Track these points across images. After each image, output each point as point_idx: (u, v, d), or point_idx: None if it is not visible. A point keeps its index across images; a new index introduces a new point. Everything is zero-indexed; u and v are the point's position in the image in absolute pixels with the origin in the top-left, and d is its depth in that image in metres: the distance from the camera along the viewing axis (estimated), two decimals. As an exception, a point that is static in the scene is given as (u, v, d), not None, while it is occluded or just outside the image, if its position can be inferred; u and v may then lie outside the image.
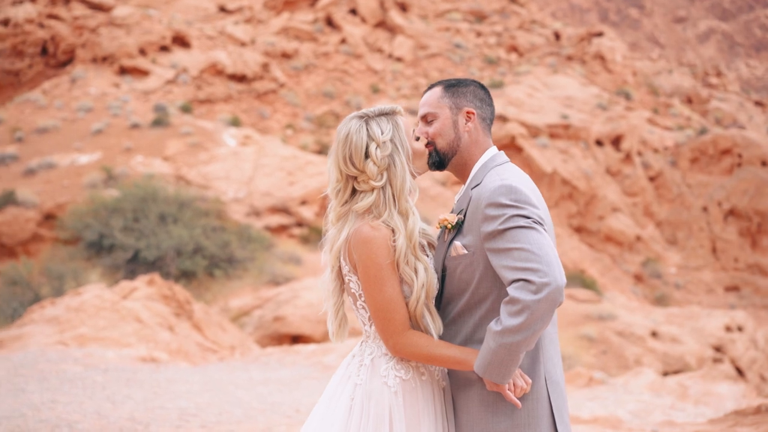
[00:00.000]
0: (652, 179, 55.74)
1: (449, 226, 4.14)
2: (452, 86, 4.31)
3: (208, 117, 47.59)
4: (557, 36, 71.68)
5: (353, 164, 4.12)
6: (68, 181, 35.66)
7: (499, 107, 56.54)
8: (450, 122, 4.25)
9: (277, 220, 36.48)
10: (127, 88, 48.87)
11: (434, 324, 4.08)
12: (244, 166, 38.86)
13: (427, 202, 42.73)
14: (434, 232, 4.40)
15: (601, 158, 54.11)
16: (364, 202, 4.11)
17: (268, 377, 12.62)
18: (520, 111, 56.02)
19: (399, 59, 62.65)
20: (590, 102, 59.47)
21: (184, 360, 15.07)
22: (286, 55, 58.47)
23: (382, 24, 65.07)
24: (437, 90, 4.32)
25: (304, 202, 37.20)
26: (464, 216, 4.10)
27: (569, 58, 67.40)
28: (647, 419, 12.14)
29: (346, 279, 4.16)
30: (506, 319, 3.76)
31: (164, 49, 54.56)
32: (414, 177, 4.21)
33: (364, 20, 64.16)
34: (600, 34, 69.56)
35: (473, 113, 4.26)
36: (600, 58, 66.56)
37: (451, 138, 4.24)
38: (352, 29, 62.52)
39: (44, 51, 51.21)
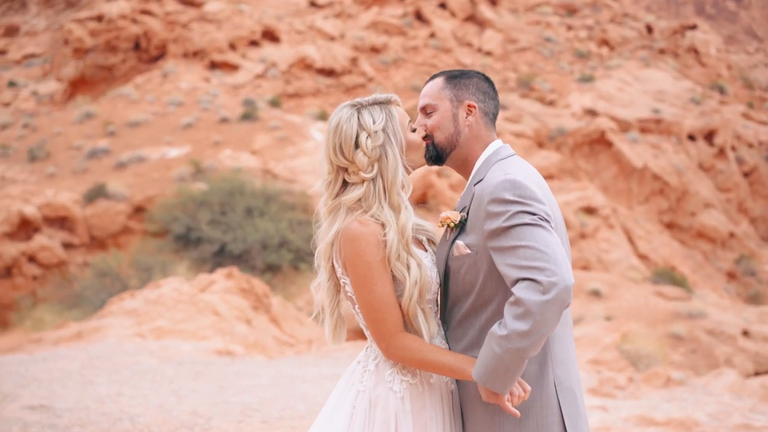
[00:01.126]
0: (746, 175, 54.50)
1: (452, 224, 3.95)
2: (454, 77, 4.11)
3: (296, 111, 47.88)
4: (650, 29, 70.47)
5: (343, 154, 3.94)
6: (158, 175, 36.20)
7: (588, 102, 55.81)
8: (450, 115, 4.05)
9: (361, 214, 36.52)
10: (217, 83, 49.44)
11: (427, 326, 3.87)
12: (331, 160, 39.01)
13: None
14: (434, 228, 4.21)
15: (693, 153, 53.03)
16: (354, 194, 3.92)
17: (337, 372, 12.59)
18: (611, 105, 55.24)
19: (488, 53, 62.25)
20: (683, 96, 58.37)
21: (261, 353, 15.12)
22: (374, 50, 58.53)
23: (471, 18, 64.75)
24: (439, 81, 4.13)
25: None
26: (467, 214, 3.91)
27: (662, 51, 66.24)
28: (725, 422, 11.80)
29: (341, 282, 3.96)
30: (512, 322, 3.54)
31: (254, 43, 55.07)
32: (408, 171, 4.02)
33: (453, 14, 63.93)
34: (694, 27, 68.22)
35: (474, 106, 4.05)
36: (693, 51, 65.25)
37: (450, 132, 4.05)
38: (441, 23, 62.34)
39: (137, 46, 52.08)
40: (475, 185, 3.95)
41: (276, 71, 51.20)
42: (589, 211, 42.83)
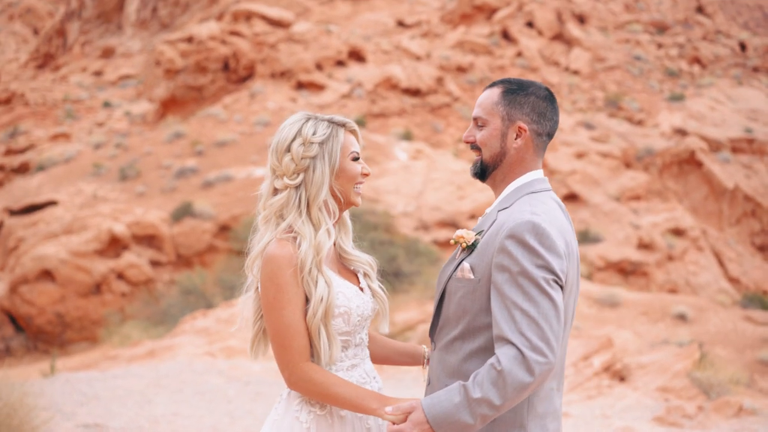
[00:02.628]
0: (843, 196, 53.08)
1: (464, 244, 3.78)
2: (512, 92, 3.86)
3: (381, 131, 48.04)
4: (743, 47, 69.14)
5: (276, 156, 3.89)
6: (243, 194, 36.63)
7: (678, 121, 54.96)
8: (498, 134, 3.84)
9: (445, 234, 36.44)
10: (304, 102, 49.89)
11: (329, 350, 3.77)
12: (414, 180, 39.02)
13: (600, 218, 41.92)
14: (374, 263, 4.14)
15: (787, 174, 51.86)
16: (277, 199, 3.86)
17: (399, 394, 12.56)
18: (701, 125, 54.31)
19: (575, 72, 61.75)
20: (777, 115, 57.17)
21: (332, 374, 15.11)
22: (461, 69, 58.49)
23: (558, 36, 64.34)
24: (495, 93, 3.89)
25: (472, 216, 37.05)
26: (482, 237, 3.75)
27: (755, 69, 64.95)
28: (796, 455, 11.49)
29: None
30: (488, 387, 3.45)
31: (340, 63, 55.51)
32: (336, 198, 3.93)
33: (540, 33, 63.60)
34: (790, 44, 66.82)
35: (525, 129, 3.83)
36: (789, 69, 63.96)
37: (495, 151, 3.85)
38: (528, 42, 62.06)
39: (226, 67, 52.88)
40: (499, 211, 3.78)
41: (362, 91, 51.48)
42: (678, 232, 42.14)
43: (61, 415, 9.30)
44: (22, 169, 47.36)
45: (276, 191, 3.92)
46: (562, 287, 3.60)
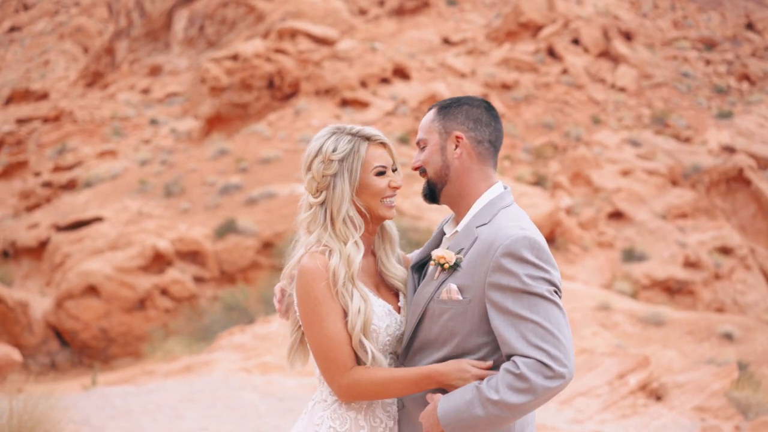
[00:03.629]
0: None
1: (446, 265, 3.69)
2: (444, 107, 3.86)
3: (425, 148, 47.99)
4: (793, 63, 68.47)
5: (303, 174, 3.92)
6: (286, 210, 36.75)
7: (727, 138, 54.42)
8: (438, 148, 3.81)
9: (488, 251, 36.28)
10: (348, 120, 50.00)
11: (373, 362, 3.73)
12: (458, 198, 38.94)
13: (645, 236, 41.55)
14: (401, 273, 4.01)
15: (837, 192, 51.10)
16: (305, 216, 3.88)
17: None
18: (750, 142, 53.75)
19: (622, 89, 61.39)
20: (827, 132, 56.46)
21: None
22: (505, 86, 58.39)
23: (605, 54, 64.05)
24: (431, 112, 3.92)
25: (515, 234, 36.83)
26: (464, 257, 3.68)
27: (806, 86, 64.26)
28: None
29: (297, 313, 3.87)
30: (506, 391, 3.42)
31: (385, 81, 55.63)
32: (361, 212, 3.87)
33: (586, 50, 63.35)
34: (841, 61, 65.99)
35: (462, 137, 3.79)
36: (839, 85, 63.17)
37: (438, 166, 3.81)
38: (573, 59, 61.81)
39: (271, 84, 53.15)
40: (477, 227, 3.71)
41: (406, 108, 51.52)
42: (725, 251, 41.65)
43: (90, 429, 9.35)
44: (70, 186, 47.89)
45: (310, 206, 3.91)
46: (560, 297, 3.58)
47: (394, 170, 3.96)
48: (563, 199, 40.84)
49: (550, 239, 36.66)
